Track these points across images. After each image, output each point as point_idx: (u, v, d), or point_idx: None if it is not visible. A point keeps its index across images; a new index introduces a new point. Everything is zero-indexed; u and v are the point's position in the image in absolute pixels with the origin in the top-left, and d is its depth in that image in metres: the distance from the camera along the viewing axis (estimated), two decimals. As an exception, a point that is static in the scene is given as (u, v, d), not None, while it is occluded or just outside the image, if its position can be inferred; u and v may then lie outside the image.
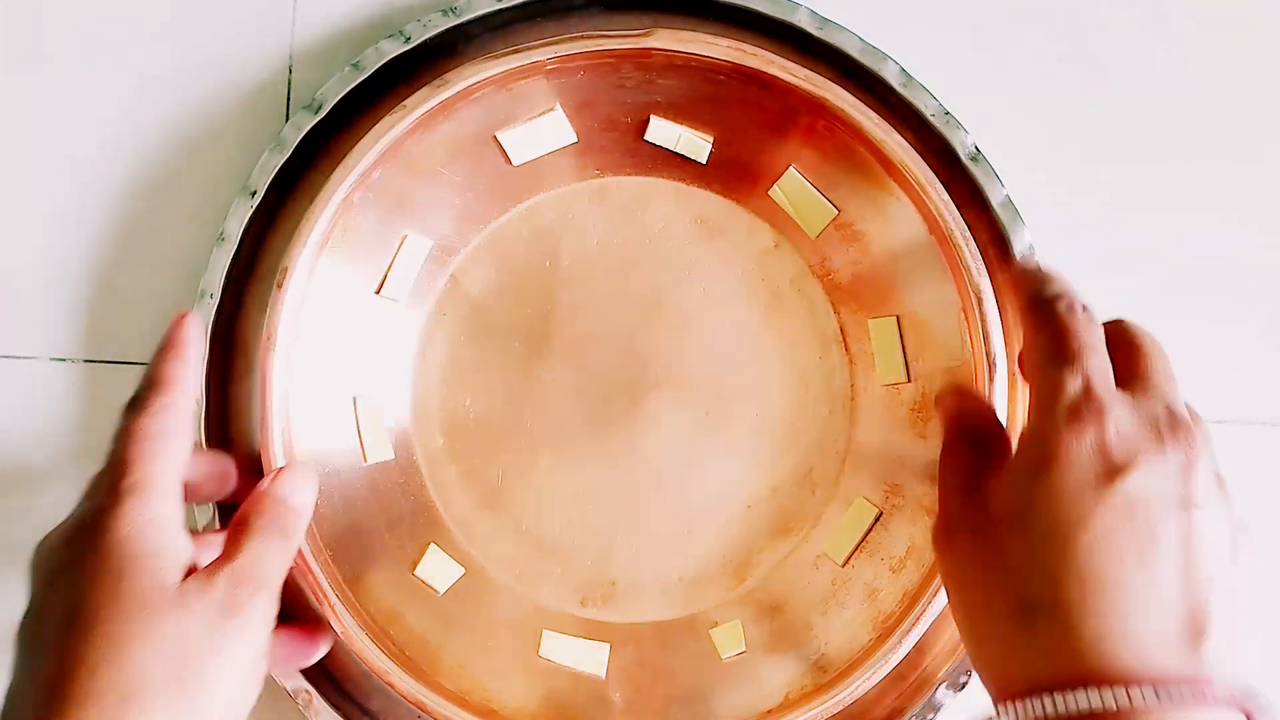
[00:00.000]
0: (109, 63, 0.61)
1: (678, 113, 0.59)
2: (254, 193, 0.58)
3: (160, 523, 0.44)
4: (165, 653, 0.42)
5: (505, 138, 0.58)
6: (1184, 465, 0.42)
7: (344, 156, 0.56)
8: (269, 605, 0.45)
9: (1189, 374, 0.61)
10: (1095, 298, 0.61)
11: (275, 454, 0.54)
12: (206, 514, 0.57)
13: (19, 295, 0.60)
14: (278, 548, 0.47)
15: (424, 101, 0.56)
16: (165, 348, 0.49)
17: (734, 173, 0.60)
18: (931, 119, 0.58)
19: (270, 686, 0.52)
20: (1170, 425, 0.43)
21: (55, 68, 0.60)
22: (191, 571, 0.44)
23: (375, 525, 0.58)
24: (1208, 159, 0.62)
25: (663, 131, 0.59)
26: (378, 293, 0.59)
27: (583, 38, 0.56)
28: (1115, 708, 0.38)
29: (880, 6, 0.61)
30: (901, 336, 0.59)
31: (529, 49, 0.56)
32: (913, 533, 0.58)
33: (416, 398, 0.60)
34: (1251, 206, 0.62)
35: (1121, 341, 0.46)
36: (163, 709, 0.41)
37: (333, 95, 0.58)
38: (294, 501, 0.49)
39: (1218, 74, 0.62)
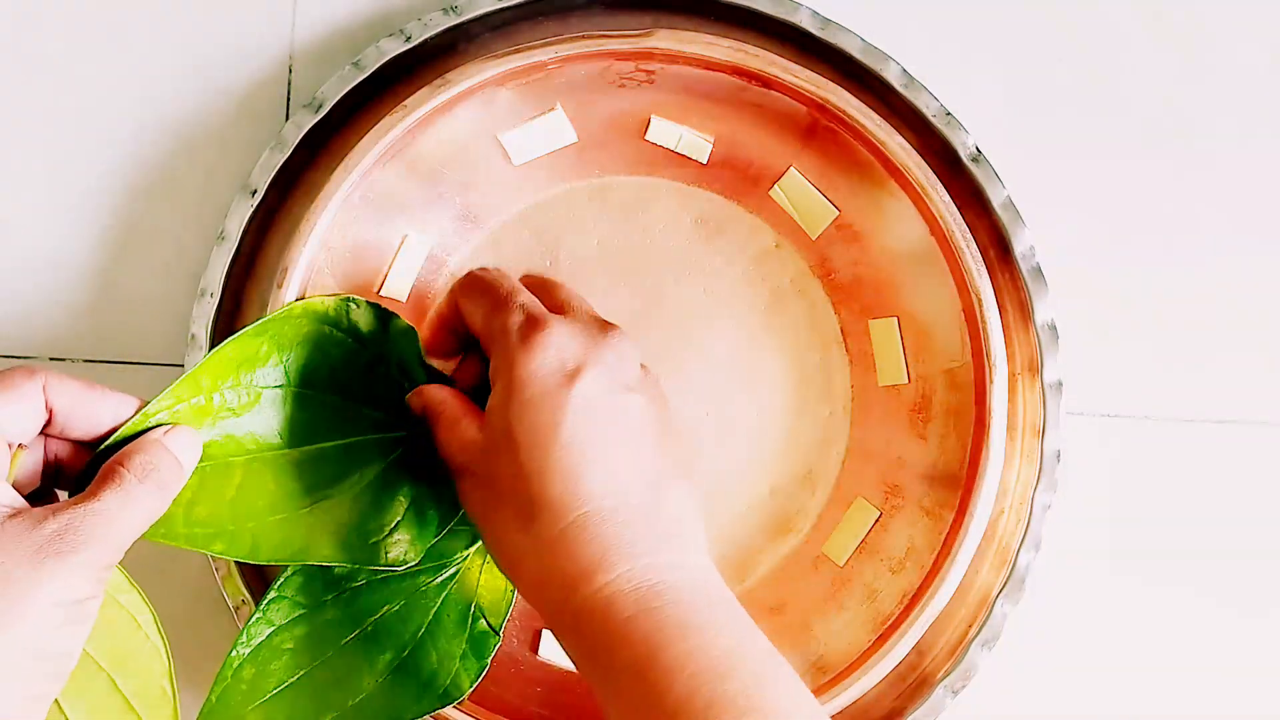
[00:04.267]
0: (109, 62, 0.60)
1: (679, 113, 0.59)
2: (254, 192, 0.58)
3: None
4: None
5: (506, 138, 0.58)
6: (619, 357, 0.48)
7: (344, 156, 0.56)
8: (104, 555, 0.42)
9: (1190, 373, 0.62)
10: (1097, 297, 0.61)
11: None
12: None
13: (19, 295, 0.60)
14: (145, 499, 0.44)
15: (425, 101, 0.56)
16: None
17: (735, 173, 0.60)
18: (933, 119, 0.58)
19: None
20: (601, 328, 0.49)
21: (55, 68, 0.60)
22: (19, 511, 0.43)
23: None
24: (1208, 159, 0.62)
25: (664, 131, 0.59)
26: (378, 292, 0.58)
27: (584, 38, 0.56)
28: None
29: (882, 7, 0.61)
30: (901, 337, 0.59)
31: (530, 49, 0.56)
32: (912, 534, 0.58)
33: (416, 397, 0.60)
34: (1252, 207, 0.62)
35: (534, 285, 0.52)
36: None
37: (333, 94, 0.58)
38: (183, 459, 0.46)
39: (1218, 73, 0.62)
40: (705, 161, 0.60)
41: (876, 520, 0.59)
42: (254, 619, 0.51)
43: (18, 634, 0.40)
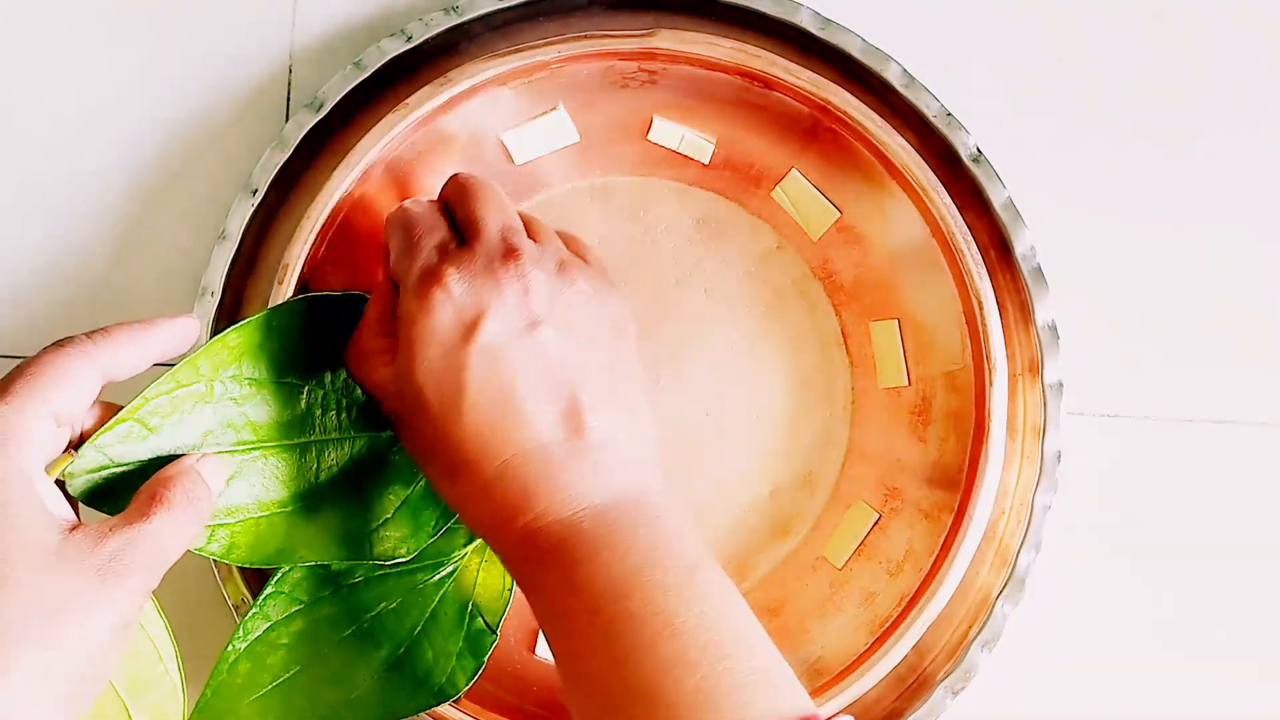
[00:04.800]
0: (109, 64, 0.61)
1: (681, 113, 0.59)
2: (255, 191, 0.58)
3: (24, 477, 0.41)
4: (33, 608, 0.39)
5: (508, 137, 0.58)
6: (521, 291, 0.46)
7: (345, 155, 0.56)
8: (152, 580, 0.42)
9: (1190, 373, 0.61)
10: (1097, 297, 0.61)
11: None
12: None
13: (19, 295, 0.60)
14: (188, 525, 0.44)
15: (426, 100, 0.56)
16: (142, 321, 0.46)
17: (736, 174, 0.60)
18: (933, 120, 0.58)
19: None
20: (503, 257, 0.47)
21: (55, 68, 0.61)
22: (77, 526, 0.42)
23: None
24: (1209, 159, 0.62)
25: (665, 132, 0.59)
26: (378, 291, 0.59)
27: (585, 37, 0.56)
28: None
29: (882, 7, 0.61)
30: (902, 339, 0.59)
31: (531, 48, 0.56)
32: (911, 537, 0.58)
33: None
34: (1252, 207, 0.62)
35: (455, 195, 0.51)
36: (29, 659, 0.39)
37: (334, 94, 0.58)
38: (214, 484, 0.46)
39: (1218, 74, 0.62)
40: (707, 162, 0.60)
41: (875, 523, 0.59)
42: (251, 614, 0.51)
43: (70, 654, 0.40)
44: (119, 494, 0.45)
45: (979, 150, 0.58)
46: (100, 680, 0.42)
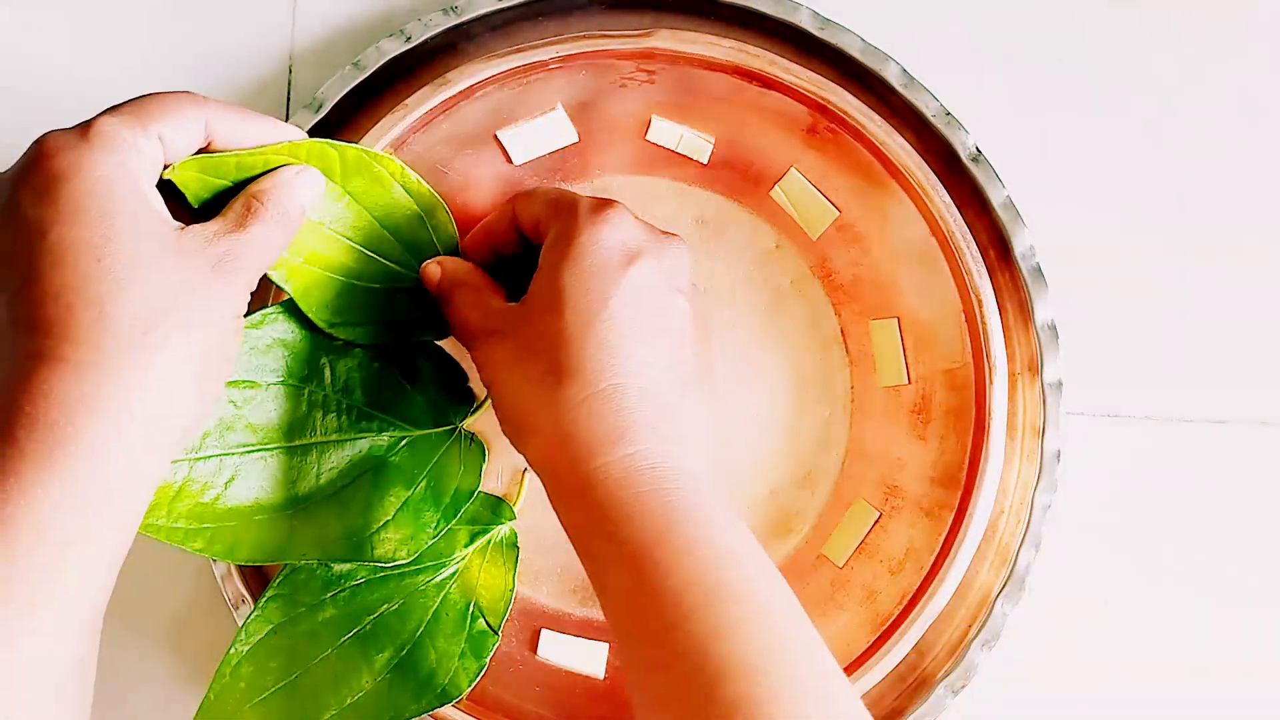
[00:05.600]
0: (108, 63, 0.60)
1: (679, 113, 0.59)
2: (254, 191, 0.58)
3: (133, 178, 0.43)
4: (167, 288, 0.42)
5: (506, 137, 0.58)
6: (676, 261, 0.50)
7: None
8: (253, 282, 0.45)
9: (1191, 373, 0.61)
10: (1097, 297, 0.61)
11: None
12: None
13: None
14: (279, 236, 0.46)
15: (425, 100, 0.56)
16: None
17: (735, 173, 0.60)
18: (933, 119, 0.58)
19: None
20: (665, 233, 0.51)
21: (54, 68, 0.60)
22: (183, 227, 0.44)
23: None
24: (1208, 159, 0.62)
25: (664, 131, 0.59)
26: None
27: (584, 37, 0.56)
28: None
29: (882, 7, 0.61)
30: (902, 338, 0.59)
31: (530, 48, 0.56)
32: (912, 535, 0.58)
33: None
34: (1252, 207, 0.62)
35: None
36: (177, 334, 0.41)
37: (334, 94, 0.58)
38: (303, 199, 0.48)
39: (1217, 74, 0.62)
40: (706, 162, 0.60)
41: (876, 521, 0.59)
42: (253, 616, 0.51)
43: (205, 331, 0.43)
44: None
45: (979, 150, 0.58)
46: (227, 364, 0.45)
